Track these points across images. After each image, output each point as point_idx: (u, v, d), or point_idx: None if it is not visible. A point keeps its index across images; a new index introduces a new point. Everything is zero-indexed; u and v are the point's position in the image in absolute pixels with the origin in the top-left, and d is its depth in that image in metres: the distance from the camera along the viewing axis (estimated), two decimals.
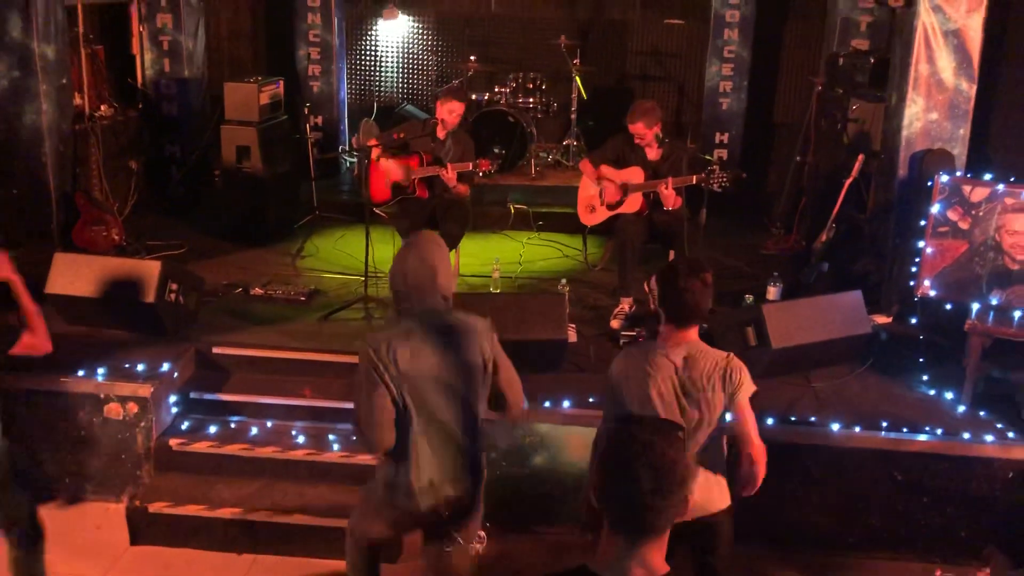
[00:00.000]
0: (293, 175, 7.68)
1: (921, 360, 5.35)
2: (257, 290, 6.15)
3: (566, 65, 8.68)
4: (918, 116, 5.74)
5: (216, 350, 5.33)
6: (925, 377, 5.20)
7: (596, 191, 6.05)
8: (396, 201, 6.18)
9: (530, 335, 4.95)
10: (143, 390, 4.86)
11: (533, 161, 8.59)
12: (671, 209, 5.67)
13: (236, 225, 7.24)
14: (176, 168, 8.01)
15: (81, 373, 4.92)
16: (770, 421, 4.62)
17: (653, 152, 5.86)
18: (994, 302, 5.10)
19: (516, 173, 8.54)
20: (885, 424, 4.71)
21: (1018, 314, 4.96)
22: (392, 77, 9.82)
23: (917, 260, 5.39)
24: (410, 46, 9.73)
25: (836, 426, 4.68)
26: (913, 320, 5.70)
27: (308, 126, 7.95)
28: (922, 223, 5.39)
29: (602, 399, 4.78)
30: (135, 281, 5.23)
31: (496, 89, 8.80)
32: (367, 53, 9.76)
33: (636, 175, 5.85)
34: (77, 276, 5.27)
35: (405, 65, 9.78)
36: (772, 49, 8.88)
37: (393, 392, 3.11)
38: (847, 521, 4.73)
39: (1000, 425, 4.75)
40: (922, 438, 4.66)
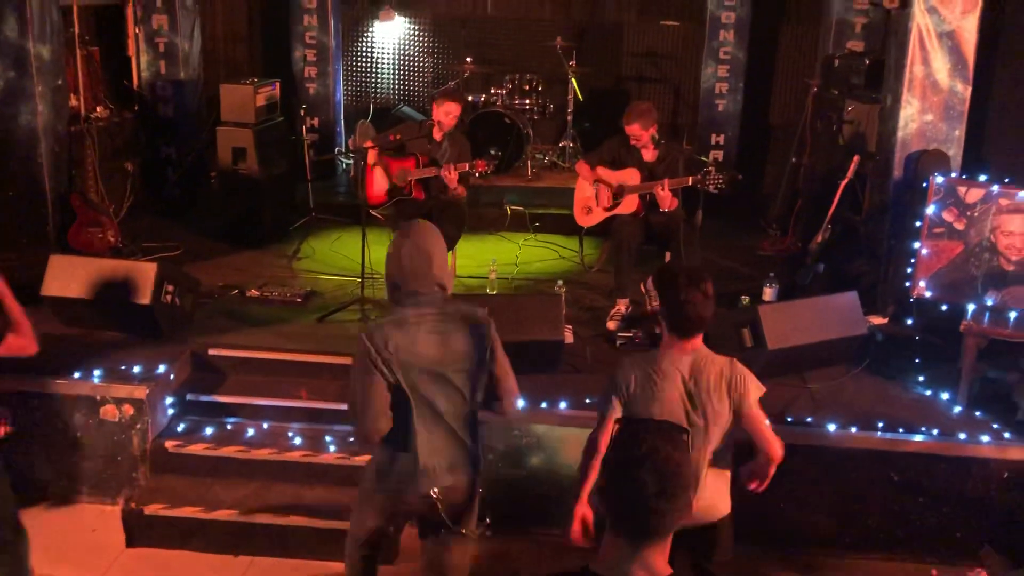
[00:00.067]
0: (289, 177, 7.68)
1: (917, 361, 5.36)
2: (253, 292, 6.15)
3: (562, 67, 8.68)
4: (913, 117, 5.75)
5: (212, 352, 5.33)
6: (921, 378, 5.21)
7: (592, 192, 6.05)
8: (392, 203, 6.18)
9: (527, 336, 4.95)
10: (139, 392, 4.85)
11: (529, 163, 8.59)
12: (667, 210, 5.67)
13: (232, 227, 7.24)
14: (172, 170, 8.00)
15: (77, 375, 4.91)
16: (766, 422, 4.62)
17: (649, 153, 5.86)
18: (989, 303, 5.11)
19: (512, 174, 8.54)
20: (881, 425, 4.72)
21: (1013, 315, 4.98)
22: (388, 79, 9.82)
23: (913, 261, 5.41)
24: (406, 48, 9.74)
25: (832, 427, 4.69)
26: (909, 321, 5.71)
27: (304, 128, 7.96)
28: (917, 224, 5.40)
29: (597, 400, 4.81)
30: (131, 283, 5.22)
31: (492, 91, 8.80)
32: (363, 55, 9.76)
33: (632, 176, 5.86)
34: (73, 278, 5.27)
35: (401, 67, 9.77)
36: (768, 51, 8.90)
37: (388, 379, 3.10)
38: (844, 521, 4.73)
39: (996, 425, 4.76)
40: (918, 439, 4.67)
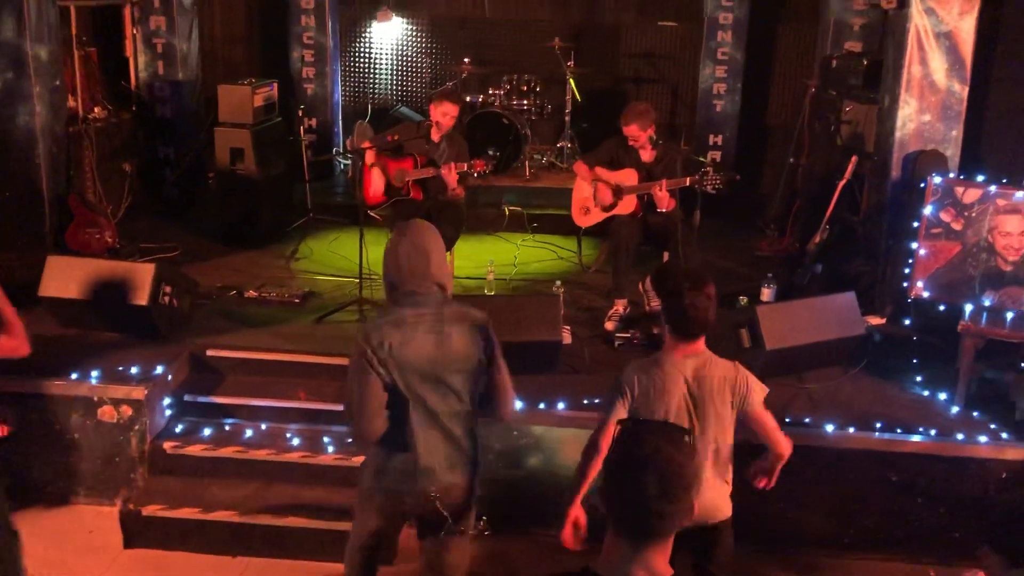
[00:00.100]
0: (287, 177, 7.67)
1: (915, 361, 5.37)
2: (251, 292, 6.15)
3: (560, 67, 8.68)
4: (911, 118, 5.76)
5: (210, 352, 5.32)
6: (919, 378, 5.21)
7: (590, 193, 6.05)
8: (390, 203, 6.17)
9: (525, 337, 4.96)
10: (137, 393, 4.84)
11: (527, 163, 8.59)
12: (665, 211, 5.67)
13: (230, 227, 7.23)
14: (170, 170, 8.00)
15: (75, 376, 4.91)
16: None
17: (647, 154, 5.86)
18: (987, 303, 5.12)
19: (510, 175, 8.54)
20: (879, 425, 4.72)
21: (1011, 315, 4.98)
22: (386, 79, 9.81)
23: (910, 261, 5.42)
24: (404, 48, 9.73)
25: (830, 427, 4.69)
26: (907, 321, 5.72)
27: (302, 128, 7.95)
28: (915, 224, 5.41)
29: (594, 400, 4.82)
30: (129, 284, 5.22)
31: (490, 91, 8.79)
32: (361, 55, 9.75)
33: (630, 177, 5.85)
34: (70, 279, 5.26)
35: (399, 67, 9.77)
36: (765, 51, 8.90)
37: (384, 379, 3.09)
38: (841, 522, 4.73)
39: (994, 426, 4.76)
40: (916, 439, 4.67)
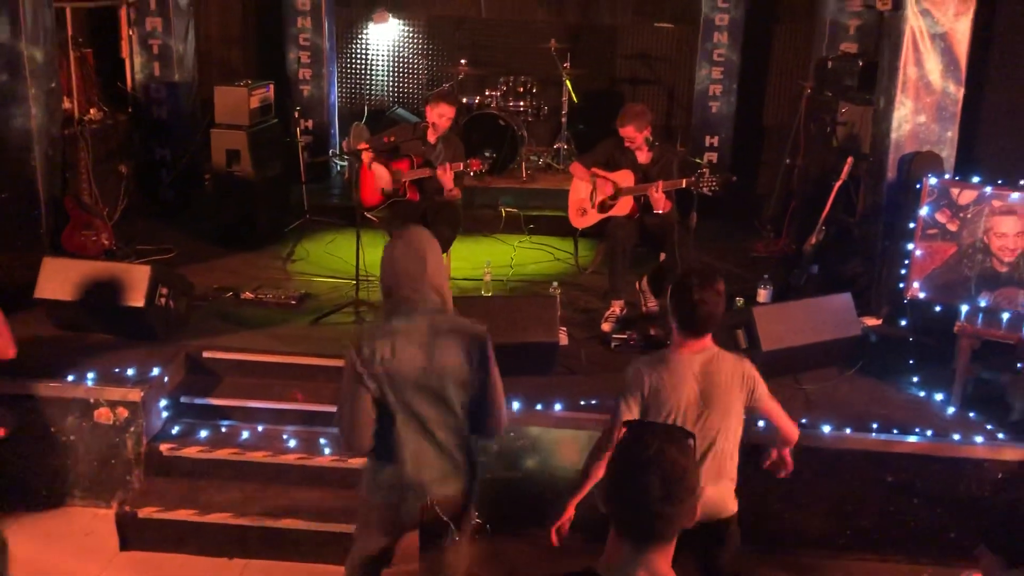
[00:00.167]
0: (283, 179, 7.67)
1: (911, 362, 5.38)
2: (247, 294, 6.14)
3: (556, 69, 8.68)
4: (906, 119, 5.77)
5: (206, 354, 5.32)
6: (915, 379, 5.22)
7: (587, 194, 6.05)
8: (387, 204, 6.17)
9: (522, 338, 4.96)
10: (133, 395, 4.83)
11: (524, 164, 8.59)
12: (661, 212, 5.68)
13: (226, 229, 7.22)
14: (166, 172, 7.99)
15: (71, 378, 4.89)
16: (761, 423, 4.63)
17: (643, 155, 5.86)
18: (983, 304, 5.13)
19: (507, 176, 8.54)
20: (875, 426, 4.73)
21: (1006, 316, 4.99)
22: (382, 81, 9.81)
23: (906, 262, 5.43)
24: (401, 50, 9.73)
25: (827, 428, 4.69)
26: (903, 322, 5.72)
27: (298, 130, 7.94)
28: (911, 225, 5.42)
29: (592, 401, 4.82)
30: (125, 285, 5.21)
31: (487, 92, 8.80)
32: (358, 57, 9.75)
33: (627, 178, 5.85)
34: (66, 281, 5.25)
35: (395, 69, 9.77)
36: (761, 52, 8.91)
37: (373, 392, 3.06)
38: (838, 522, 4.74)
39: (990, 426, 4.77)
40: (912, 439, 4.68)
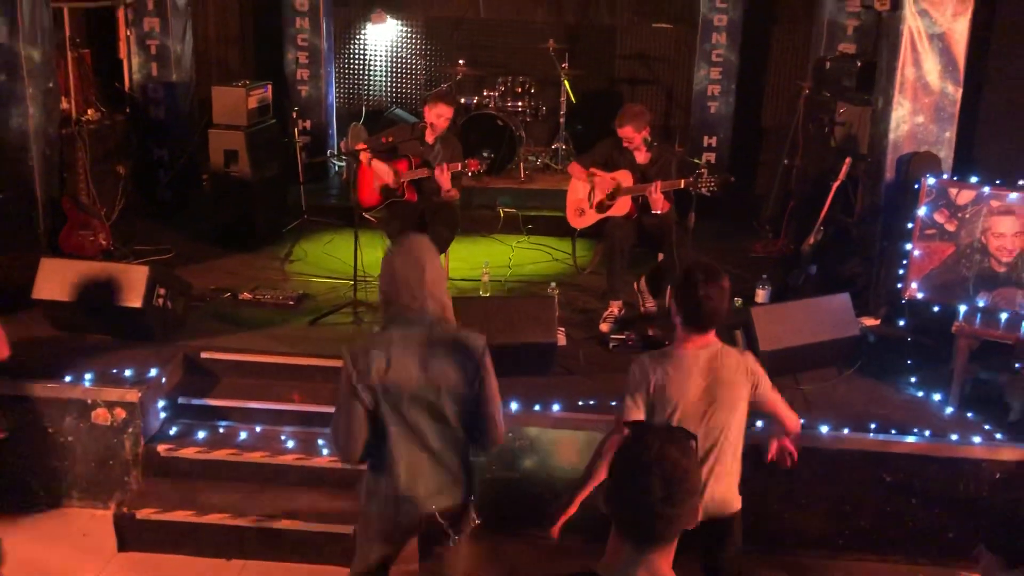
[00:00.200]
0: (281, 179, 7.66)
1: (909, 362, 5.38)
2: (245, 295, 6.14)
3: (555, 69, 8.69)
4: (904, 119, 5.77)
5: (204, 355, 5.31)
6: (913, 379, 5.22)
7: (585, 194, 6.05)
8: (385, 205, 6.17)
9: (520, 338, 4.96)
10: (131, 395, 4.83)
11: (522, 165, 8.59)
12: (660, 213, 5.67)
13: (224, 229, 7.22)
14: (164, 172, 7.98)
15: (68, 379, 4.89)
16: (759, 423, 4.63)
17: (642, 156, 5.86)
18: (981, 304, 5.13)
19: (505, 176, 8.54)
20: (874, 426, 4.73)
21: (1004, 316, 4.99)
22: (381, 81, 9.81)
23: (904, 262, 5.43)
24: (399, 50, 9.73)
25: (825, 428, 4.69)
26: (901, 322, 5.73)
27: (296, 130, 7.94)
28: (909, 226, 5.42)
29: (590, 402, 4.82)
30: (123, 286, 5.20)
31: (485, 93, 8.80)
32: (356, 57, 9.75)
33: (625, 178, 5.86)
34: (64, 281, 5.25)
35: (394, 69, 9.77)
36: (760, 53, 8.92)
37: (368, 404, 3.03)
38: (836, 523, 4.74)
39: (988, 426, 4.77)
40: (910, 440, 4.68)
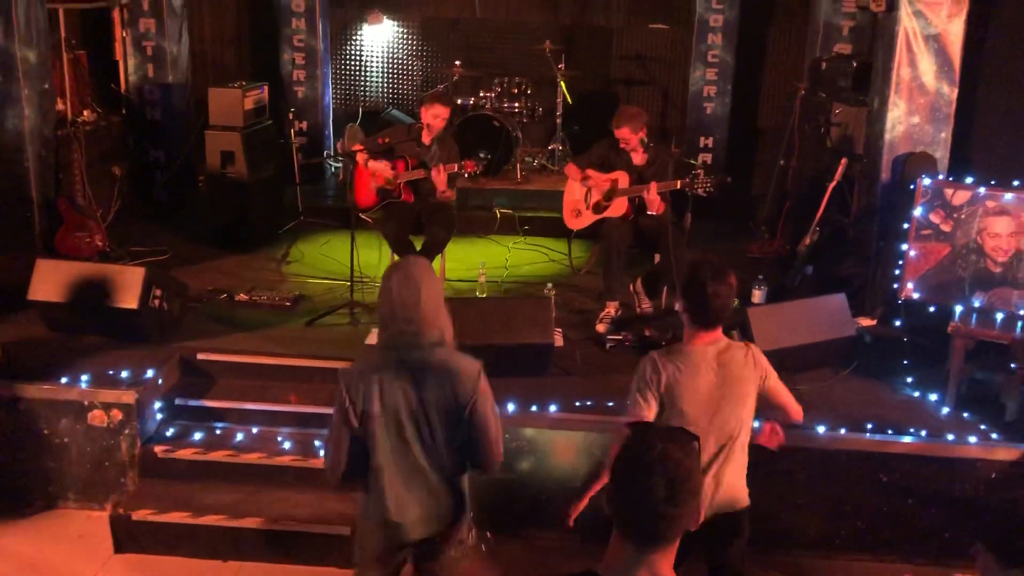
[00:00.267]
0: (278, 180, 7.66)
1: (905, 362, 5.38)
2: (242, 296, 6.13)
3: (551, 70, 8.69)
4: (900, 120, 5.78)
5: (201, 356, 5.30)
6: (909, 379, 5.23)
7: (582, 195, 6.05)
8: (382, 206, 6.16)
9: (517, 339, 4.96)
10: (127, 397, 4.82)
11: (519, 165, 8.59)
12: (656, 213, 5.68)
13: (220, 230, 7.21)
14: (160, 173, 7.98)
15: (64, 380, 4.88)
16: (755, 423, 4.63)
17: (638, 157, 5.87)
18: (976, 304, 5.14)
19: (502, 177, 8.54)
20: (870, 426, 4.73)
21: (1000, 316, 5.00)
22: (377, 82, 9.81)
23: (900, 263, 5.43)
24: (395, 51, 9.73)
25: (822, 428, 4.70)
26: (897, 322, 5.73)
27: (293, 131, 7.94)
28: (905, 226, 5.43)
29: (587, 403, 4.82)
30: (119, 287, 5.19)
31: (481, 94, 8.80)
32: (352, 58, 9.75)
33: (621, 180, 5.86)
34: (60, 282, 5.24)
35: (390, 70, 9.77)
36: (756, 53, 8.93)
37: (355, 427, 3.03)
38: (832, 523, 4.74)
39: (984, 426, 4.78)
40: (907, 440, 4.68)
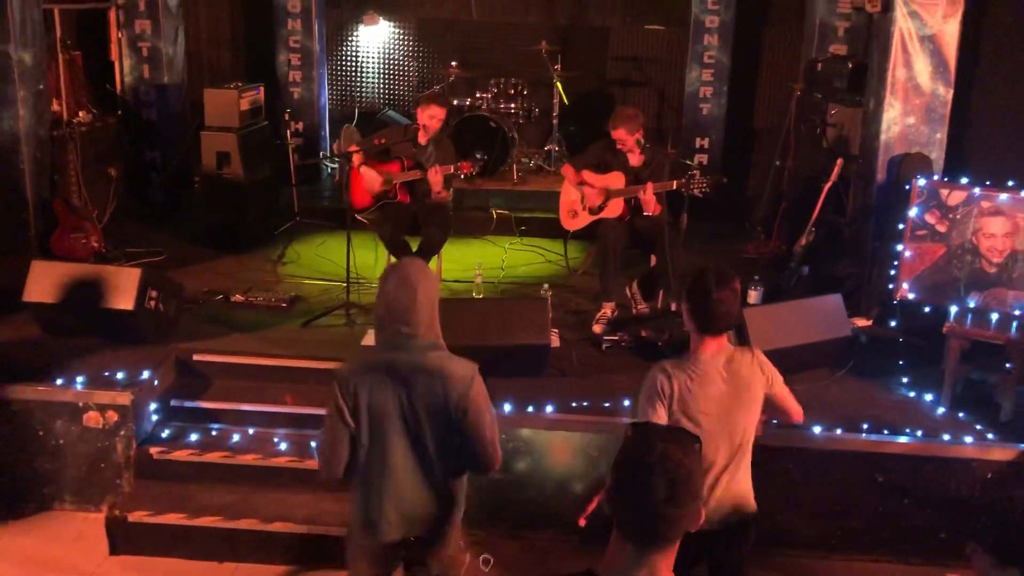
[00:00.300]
0: (273, 181, 7.66)
1: (901, 362, 5.40)
2: (238, 297, 6.12)
3: (547, 71, 8.69)
4: (896, 120, 5.79)
5: (197, 357, 5.30)
6: (905, 379, 5.24)
7: (578, 196, 6.06)
8: (378, 207, 6.16)
9: (513, 340, 4.96)
10: (123, 398, 4.81)
11: (515, 166, 8.59)
12: (652, 214, 5.68)
13: (216, 231, 7.21)
14: (156, 174, 7.98)
15: (60, 381, 4.87)
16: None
17: (635, 158, 5.87)
18: (972, 304, 5.15)
19: (498, 178, 8.54)
20: (866, 426, 4.74)
21: (995, 316, 5.01)
22: (373, 83, 9.81)
23: (896, 263, 5.45)
24: (391, 52, 9.73)
25: (817, 429, 4.70)
26: (892, 323, 5.74)
27: (289, 132, 7.94)
28: (900, 226, 5.44)
29: (583, 403, 4.82)
30: (114, 288, 5.18)
31: (477, 94, 8.80)
32: (348, 59, 9.74)
33: (617, 180, 5.86)
34: (55, 284, 5.23)
35: (386, 71, 9.77)
36: (752, 54, 8.94)
37: (350, 426, 3.05)
38: (829, 523, 4.75)
39: (979, 426, 4.79)
40: (902, 440, 4.69)
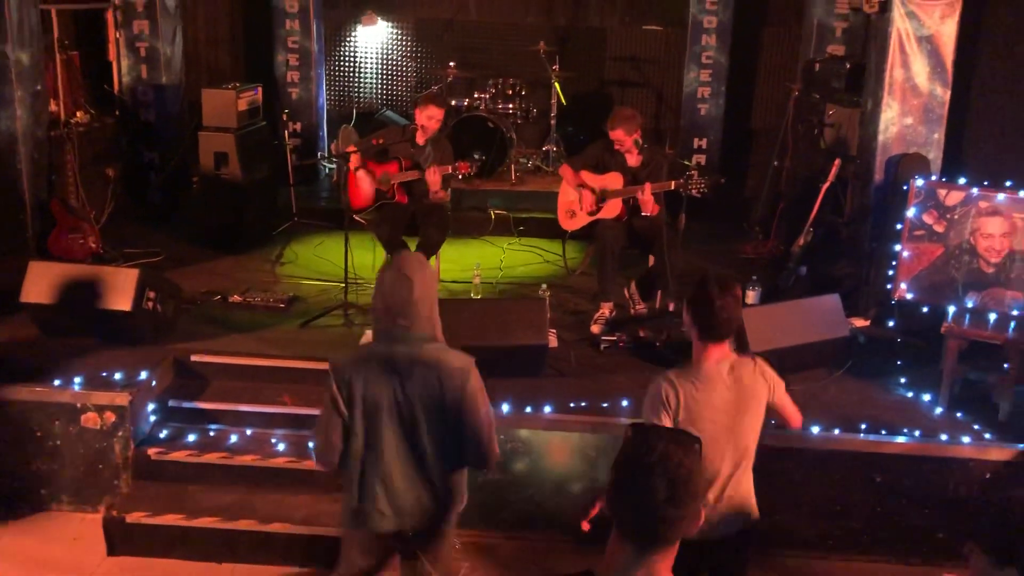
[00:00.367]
0: (272, 181, 7.65)
1: (899, 363, 5.40)
2: (236, 297, 6.12)
3: (545, 71, 8.70)
4: (893, 121, 5.80)
5: (195, 358, 5.29)
6: (903, 380, 5.24)
7: (576, 196, 6.06)
8: (376, 207, 6.16)
9: (511, 340, 4.96)
10: (121, 399, 4.81)
11: (513, 167, 8.59)
12: (650, 215, 5.68)
13: (214, 232, 7.20)
14: (154, 175, 7.96)
15: (57, 382, 4.86)
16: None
17: (633, 158, 5.87)
18: (970, 305, 5.15)
19: (496, 179, 8.54)
20: (864, 427, 4.74)
21: (993, 316, 5.01)
22: (371, 83, 9.80)
23: (894, 263, 5.45)
24: (389, 52, 9.73)
25: (816, 429, 4.70)
26: (890, 323, 5.75)
27: (287, 132, 7.93)
28: (898, 227, 5.44)
29: (581, 404, 4.82)
30: (112, 289, 5.18)
31: (476, 95, 8.80)
32: (346, 59, 9.74)
33: (615, 181, 5.86)
34: (53, 284, 5.22)
35: (384, 71, 9.76)
36: (750, 55, 8.95)
37: (343, 415, 3.07)
38: (827, 523, 4.75)
39: (977, 426, 4.79)
40: (900, 440, 4.69)
